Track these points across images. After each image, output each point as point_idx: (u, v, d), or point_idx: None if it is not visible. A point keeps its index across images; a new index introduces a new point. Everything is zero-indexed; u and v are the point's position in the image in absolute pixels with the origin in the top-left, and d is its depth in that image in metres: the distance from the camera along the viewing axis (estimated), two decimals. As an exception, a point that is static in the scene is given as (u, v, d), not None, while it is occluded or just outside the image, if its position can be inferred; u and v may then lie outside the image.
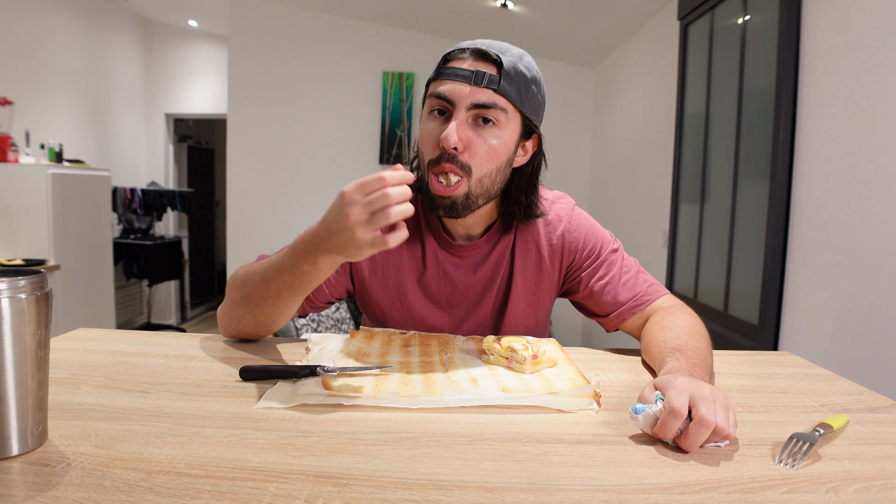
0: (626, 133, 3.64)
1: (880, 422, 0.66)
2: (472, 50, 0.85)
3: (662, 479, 0.51)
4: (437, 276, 0.99)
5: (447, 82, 0.85)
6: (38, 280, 0.51)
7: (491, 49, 0.84)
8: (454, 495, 0.47)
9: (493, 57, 0.84)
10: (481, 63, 0.84)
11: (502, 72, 0.83)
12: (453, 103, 0.84)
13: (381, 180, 0.67)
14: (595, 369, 0.83)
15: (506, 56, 0.84)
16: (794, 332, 1.82)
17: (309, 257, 0.75)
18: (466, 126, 0.84)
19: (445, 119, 0.86)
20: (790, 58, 1.84)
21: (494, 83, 0.83)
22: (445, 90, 0.84)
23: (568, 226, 0.99)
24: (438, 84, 0.86)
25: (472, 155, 0.85)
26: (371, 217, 0.68)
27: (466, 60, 0.85)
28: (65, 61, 4.15)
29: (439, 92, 0.85)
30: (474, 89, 0.83)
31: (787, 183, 1.85)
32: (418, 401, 0.66)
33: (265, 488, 0.47)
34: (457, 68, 0.84)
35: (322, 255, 0.74)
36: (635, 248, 3.28)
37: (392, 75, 4.27)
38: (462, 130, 0.83)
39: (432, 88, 0.87)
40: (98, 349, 0.84)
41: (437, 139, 0.84)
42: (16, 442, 0.50)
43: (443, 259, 0.99)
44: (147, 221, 4.94)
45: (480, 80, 0.83)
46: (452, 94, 0.84)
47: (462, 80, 0.83)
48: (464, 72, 0.84)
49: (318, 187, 4.38)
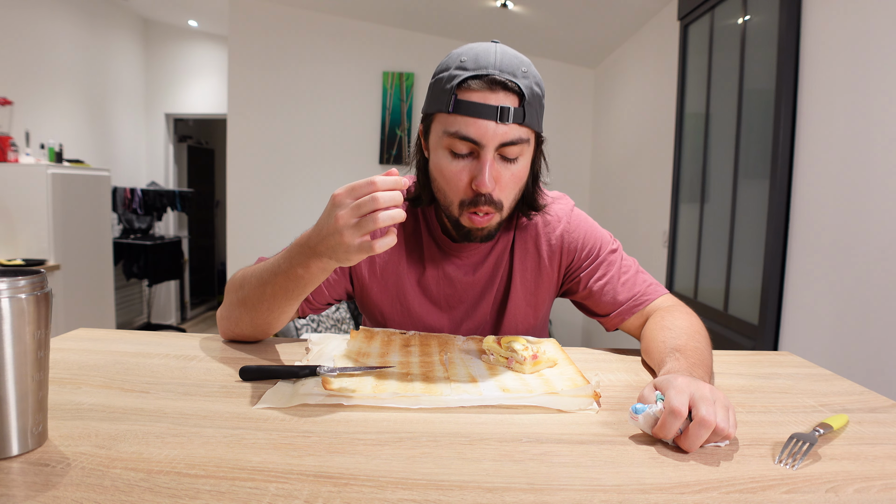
0: (626, 133, 3.64)
1: (880, 422, 0.66)
2: (489, 80, 0.79)
3: (662, 479, 0.51)
4: (436, 276, 0.99)
5: (470, 121, 0.79)
6: (38, 280, 0.51)
7: (505, 75, 0.79)
8: (454, 495, 0.47)
9: (512, 87, 0.79)
10: (501, 94, 0.79)
11: (524, 101, 0.80)
12: (481, 144, 0.80)
13: (372, 184, 0.66)
14: (595, 369, 0.83)
15: (521, 80, 0.80)
16: (794, 332, 1.82)
17: (303, 261, 0.75)
18: (495, 164, 0.82)
19: (471, 158, 0.83)
20: (790, 58, 1.84)
21: (520, 117, 0.80)
22: (472, 132, 0.80)
23: (567, 226, 0.99)
24: (458, 122, 0.80)
25: (501, 189, 0.84)
26: (359, 221, 0.67)
27: (483, 92, 0.79)
28: (65, 61, 4.15)
29: (464, 133, 0.80)
30: (500, 127, 0.79)
31: (787, 183, 1.85)
32: (418, 401, 0.66)
33: (265, 488, 0.47)
34: (478, 105, 0.79)
35: (314, 259, 0.73)
36: (635, 248, 3.28)
37: (392, 75, 4.27)
38: (493, 171, 0.82)
39: (449, 124, 0.81)
40: (98, 349, 0.84)
41: (468, 181, 0.83)
42: (16, 442, 0.50)
43: (442, 260, 0.99)
44: (147, 221, 4.94)
45: (506, 117, 0.79)
46: (479, 135, 0.80)
47: (486, 117, 0.79)
48: (487, 109, 0.79)
49: (318, 187, 4.38)
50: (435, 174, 0.88)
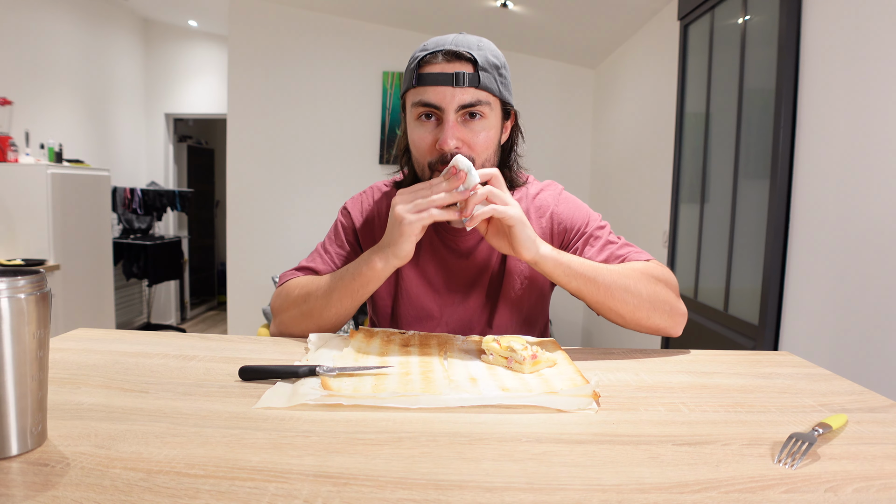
0: (626, 133, 3.64)
1: (879, 422, 0.66)
2: (444, 52, 0.88)
3: (662, 479, 0.51)
4: (433, 260, 1.04)
5: (429, 89, 0.88)
6: (37, 280, 0.51)
7: (461, 47, 0.88)
8: (453, 495, 0.47)
9: (466, 56, 0.87)
10: (456, 63, 0.88)
11: (478, 67, 0.88)
12: (441, 108, 0.88)
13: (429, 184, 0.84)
14: (595, 369, 0.83)
15: (476, 52, 0.88)
16: (794, 332, 1.82)
17: (369, 258, 0.90)
18: (458, 126, 0.89)
19: (436, 123, 0.90)
20: (790, 58, 1.84)
21: (475, 81, 0.88)
22: (431, 97, 0.88)
23: (556, 208, 1.05)
24: (420, 92, 0.89)
25: (471, 148, 0.91)
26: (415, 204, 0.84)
27: (441, 63, 0.88)
28: (65, 61, 4.15)
29: (425, 100, 0.89)
30: (458, 90, 0.87)
31: (787, 183, 1.85)
32: (418, 401, 0.66)
33: (264, 488, 0.47)
34: (436, 73, 0.87)
35: (377, 255, 0.89)
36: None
37: (392, 75, 4.27)
38: (457, 131, 0.89)
39: (414, 96, 0.90)
40: (98, 349, 0.84)
41: (433, 143, 0.90)
42: (15, 442, 0.50)
43: (438, 243, 1.04)
44: (147, 221, 4.94)
45: (462, 80, 0.87)
46: (438, 99, 0.88)
47: (443, 84, 0.87)
48: (443, 76, 0.87)
49: (318, 187, 4.38)
50: (410, 146, 0.95)
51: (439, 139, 0.89)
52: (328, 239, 1.10)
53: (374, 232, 1.07)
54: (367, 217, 1.08)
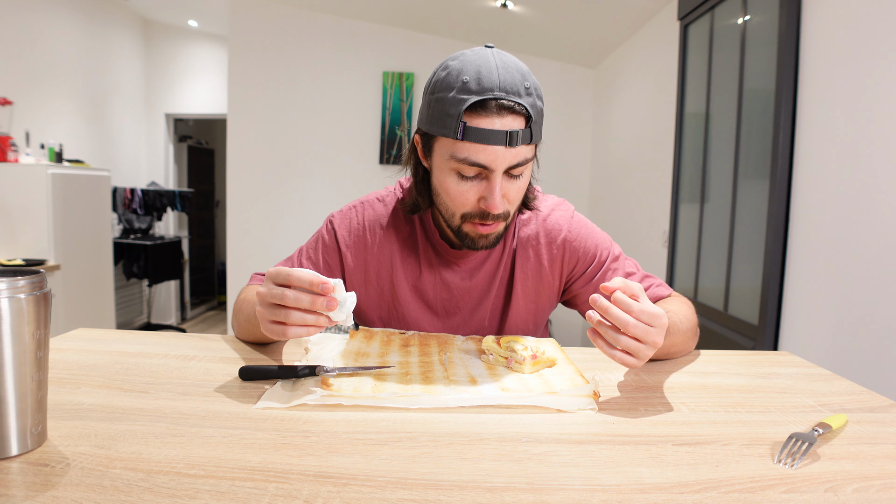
0: (626, 133, 3.64)
1: (879, 422, 0.66)
2: (496, 105, 0.78)
3: (662, 479, 0.51)
4: (433, 282, 0.99)
5: (479, 147, 0.79)
6: (37, 280, 0.51)
7: (512, 98, 0.78)
8: (453, 495, 0.47)
9: (519, 110, 0.79)
10: (508, 118, 0.79)
11: (531, 123, 0.80)
12: (490, 169, 0.81)
13: (288, 277, 0.67)
14: (595, 369, 0.83)
15: (525, 100, 0.80)
16: (793, 332, 1.82)
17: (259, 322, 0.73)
18: (503, 183, 0.83)
19: (478, 178, 0.84)
20: (790, 58, 1.84)
21: (527, 139, 0.80)
22: (481, 159, 0.80)
23: (568, 234, 1.00)
24: (466, 148, 0.80)
25: (508, 202, 0.86)
26: (272, 307, 0.68)
27: (491, 117, 0.78)
28: (65, 61, 4.15)
29: (476, 161, 0.80)
30: (509, 151, 0.80)
31: (787, 183, 1.85)
32: (418, 401, 0.66)
33: (264, 488, 0.47)
34: (486, 131, 0.78)
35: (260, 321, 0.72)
36: (635, 248, 3.28)
37: (392, 75, 4.27)
38: (502, 190, 0.83)
39: (459, 151, 0.81)
40: (97, 349, 0.84)
41: (476, 200, 0.85)
42: (15, 442, 0.50)
43: (439, 265, 0.99)
44: (147, 221, 4.94)
45: (514, 141, 0.79)
46: (489, 161, 0.80)
47: (495, 143, 0.79)
48: (495, 134, 0.78)
49: (318, 187, 4.38)
50: (440, 190, 0.88)
51: (485, 199, 0.83)
52: (306, 247, 1.03)
53: (362, 254, 0.99)
54: (356, 237, 1.00)
